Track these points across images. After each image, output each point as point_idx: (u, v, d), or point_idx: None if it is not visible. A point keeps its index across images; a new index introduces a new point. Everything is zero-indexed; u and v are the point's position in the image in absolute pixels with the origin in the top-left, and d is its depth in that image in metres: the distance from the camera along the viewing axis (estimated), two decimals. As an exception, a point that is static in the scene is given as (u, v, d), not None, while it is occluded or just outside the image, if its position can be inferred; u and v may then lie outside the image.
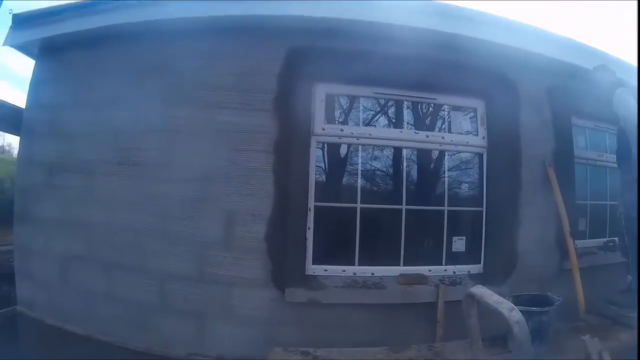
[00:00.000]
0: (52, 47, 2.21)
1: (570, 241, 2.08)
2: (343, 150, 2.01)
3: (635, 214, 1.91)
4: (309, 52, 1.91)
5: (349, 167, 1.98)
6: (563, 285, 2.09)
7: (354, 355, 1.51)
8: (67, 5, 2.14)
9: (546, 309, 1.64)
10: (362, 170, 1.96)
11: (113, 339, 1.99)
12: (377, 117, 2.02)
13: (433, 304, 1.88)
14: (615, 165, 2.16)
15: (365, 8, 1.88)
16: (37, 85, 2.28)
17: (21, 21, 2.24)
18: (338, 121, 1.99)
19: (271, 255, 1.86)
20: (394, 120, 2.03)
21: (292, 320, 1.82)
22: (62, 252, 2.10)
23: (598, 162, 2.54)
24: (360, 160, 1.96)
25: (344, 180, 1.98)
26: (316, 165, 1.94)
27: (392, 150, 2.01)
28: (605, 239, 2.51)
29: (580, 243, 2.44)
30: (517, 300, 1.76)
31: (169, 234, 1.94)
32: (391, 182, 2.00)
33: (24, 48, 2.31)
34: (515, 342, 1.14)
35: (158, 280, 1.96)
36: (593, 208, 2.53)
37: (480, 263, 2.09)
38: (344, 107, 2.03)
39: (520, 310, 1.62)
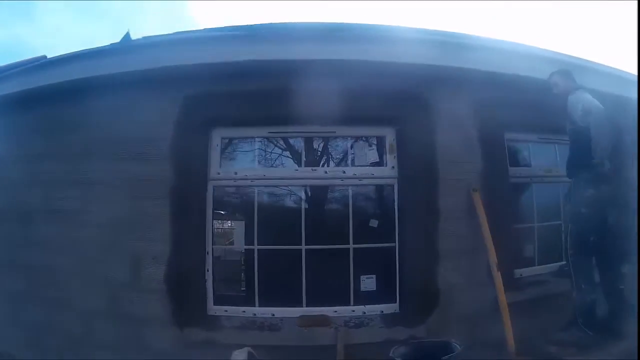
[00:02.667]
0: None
1: (497, 274, 1.87)
2: (240, 192, 2.00)
3: (585, 210, 1.84)
4: (204, 99, 1.95)
5: (246, 210, 1.96)
6: (501, 323, 1.89)
7: None
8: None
9: None
10: (259, 212, 1.93)
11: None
12: (274, 157, 1.98)
13: (334, 346, 1.80)
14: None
15: (255, 46, 1.86)
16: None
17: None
18: (233, 165, 1.99)
19: (171, 296, 1.92)
20: (291, 159, 1.98)
21: (191, 357, 1.85)
22: (5, 289, 2.33)
23: (546, 179, 2.23)
24: (256, 202, 1.93)
25: (243, 222, 1.96)
26: (214, 209, 1.96)
27: (290, 190, 1.95)
28: (561, 263, 2.20)
29: (527, 271, 2.19)
30: (409, 349, 1.63)
31: (88, 274, 2.08)
32: (290, 221, 1.94)
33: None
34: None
35: (83, 316, 2.10)
36: (543, 230, 2.24)
37: (395, 302, 1.96)
38: (240, 150, 2.03)
39: None
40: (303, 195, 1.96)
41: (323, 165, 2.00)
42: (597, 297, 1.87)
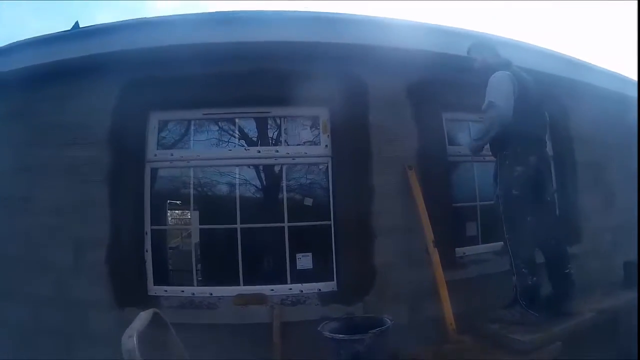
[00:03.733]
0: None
1: (434, 251, 1.87)
2: (177, 173, 2.04)
3: (516, 191, 1.74)
4: (140, 84, 1.99)
5: (183, 190, 2.00)
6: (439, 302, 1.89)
7: None
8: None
9: (358, 336, 1.46)
10: (195, 192, 1.97)
11: (3, 357, 2.20)
12: (208, 138, 2.01)
13: (271, 324, 1.81)
14: None
15: (189, 30, 1.90)
16: None
17: None
18: (169, 146, 2.02)
19: (112, 278, 1.95)
20: (225, 140, 2.01)
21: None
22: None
23: (488, 158, 2.21)
24: (192, 183, 1.97)
25: (179, 203, 1.99)
26: (152, 190, 1.99)
27: (225, 169, 1.98)
28: (504, 243, 2.18)
29: (470, 250, 2.20)
30: (340, 324, 1.63)
31: (32, 260, 2.10)
32: (225, 201, 1.97)
33: None
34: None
35: (30, 303, 2.13)
36: (486, 209, 2.23)
37: (333, 280, 1.98)
38: (176, 132, 2.06)
39: (328, 338, 1.50)
40: (237, 175, 1.98)
41: (256, 145, 2.02)
42: (539, 280, 1.79)
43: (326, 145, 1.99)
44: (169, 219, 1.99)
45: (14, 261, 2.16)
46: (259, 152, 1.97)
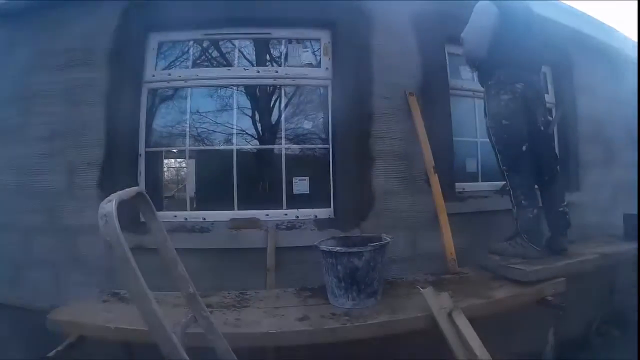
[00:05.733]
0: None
1: (433, 176, 1.80)
2: (175, 95, 1.96)
3: (506, 121, 1.65)
4: (142, 5, 1.90)
5: (179, 111, 1.92)
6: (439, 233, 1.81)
7: (158, 297, 1.41)
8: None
9: (355, 249, 1.38)
10: (192, 113, 1.89)
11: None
12: (208, 58, 1.94)
13: (265, 250, 1.73)
14: None
15: None
16: None
17: None
18: (168, 67, 1.95)
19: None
20: (224, 60, 1.94)
21: (121, 265, 1.78)
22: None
23: None
24: (189, 103, 1.89)
25: (176, 124, 1.92)
26: (148, 111, 1.91)
27: (224, 90, 1.90)
28: (504, 182, 2.11)
29: (470, 186, 2.12)
30: (337, 242, 1.55)
31: (26, 189, 2.02)
32: (223, 122, 1.90)
33: None
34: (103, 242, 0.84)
35: (23, 235, 2.05)
36: (487, 147, 2.12)
37: (330, 207, 1.89)
38: (175, 53, 1.98)
39: (324, 252, 1.42)
40: (235, 98, 1.91)
41: (256, 66, 1.94)
42: (540, 212, 1.72)
43: (327, 68, 1.92)
44: (164, 141, 1.91)
45: (7, 191, 2.07)
46: (258, 72, 1.89)
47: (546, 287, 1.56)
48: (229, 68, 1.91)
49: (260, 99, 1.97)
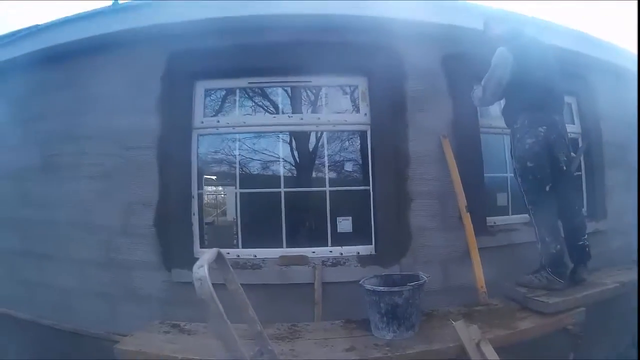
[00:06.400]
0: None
1: (466, 215, 2.08)
2: (223, 139, 2.25)
3: (530, 163, 1.92)
4: (188, 54, 2.21)
5: (228, 155, 2.22)
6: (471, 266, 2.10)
7: None
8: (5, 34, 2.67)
9: (396, 289, 1.68)
10: (240, 157, 2.18)
11: (51, 322, 2.41)
12: (253, 105, 2.23)
13: (312, 285, 2.03)
14: None
15: (237, 3, 2.11)
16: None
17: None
18: (216, 113, 2.24)
19: (160, 239, 2.17)
20: (269, 107, 2.23)
21: (179, 298, 2.09)
22: (4, 248, 2.60)
23: None
24: (238, 148, 2.19)
25: (225, 167, 2.22)
26: (198, 156, 2.21)
27: (269, 136, 2.20)
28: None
29: (501, 219, 2.41)
30: (379, 280, 1.84)
31: (82, 225, 2.33)
32: (270, 166, 2.20)
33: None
34: (198, 299, 1.16)
35: (78, 267, 2.36)
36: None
37: (371, 244, 2.19)
38: (222, 100, 2.28)
39: (368, 290, 1.72)
40: (281, 142, 2.21)
41: (299, 113, 2.23)
42: (563, 248, 1.95)
43: (365, 114, 2.20)
44: (216, 183, 2.20)
45: (63, 226, 2.40)
46: (302, 119, 2.18)
47: (566, 318, 1.83)
48: (274, 115, 2.21)
49: (304, 143, 2.26)
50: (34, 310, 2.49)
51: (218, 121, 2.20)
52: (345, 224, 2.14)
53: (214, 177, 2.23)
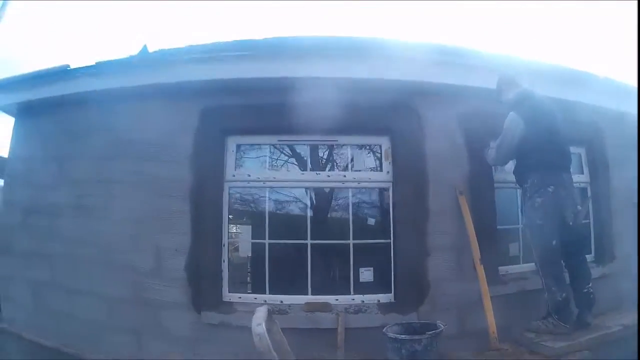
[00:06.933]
0: (27, 108, 3.01)
1: (479, 267, 2.37)
2: (253, 192, 2.54)
3: (539, 221, 2.20)
4: (220, 110, 2.49)
5: (258, 207, 2.50)
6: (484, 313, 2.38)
7: None
8: (34, 74, 2.92)
9: (417, 337, 1.96)
10: (269, 210, 2.47)
11: (74, 351, 2.66)
12: (282, 161, 2.53)
13: (335, 330, 2.30)
14: None
15: (269, 65, 2.38)
16: (16, 140, 3.13)
17: (-1, 87, 3.06)
18: (246, 168, 2.52)
19: (191, 283, 2.44)
20: (297, 164, 2.52)
21: (207, 338, 2.37)
22: (34, 279, 2.85)
23: None
24: (267, 201, 2.47)
25: (255, 219, 2.50)
26: (230, 207, 2.49)
27: (298, 191, 2.48)
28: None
29: (512, 268, 2.70)
30: (400, 328, 2.12)
31: (112, 264, 2.60)
32: (297, 219, 2.47)
33: (3, 109, 3.14)
34: (257, 352, 1.51)
35: (106, 302, 2.62)
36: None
37: (390, 292, 2.47)
38: (252, 155, 2.56)
39: (391, 338, 2.00)
40: (308, 197, 2.48)
41: (326, 170, 2.52)
42: (568, 296, 2.24)
43: (388, 172, 2.49)
44: (245, 232, 2.48)
45: (92, 263, 2.66)
46: (329, 176, 2.47)
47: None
48: (303, 172, 2.48)
49: (330, 197, 2.53)
50: (58, 339, 2.73)
51: (249, 175, 2.48)
52: (367, 274, 2.42)
53: (243, 227, 2.50)
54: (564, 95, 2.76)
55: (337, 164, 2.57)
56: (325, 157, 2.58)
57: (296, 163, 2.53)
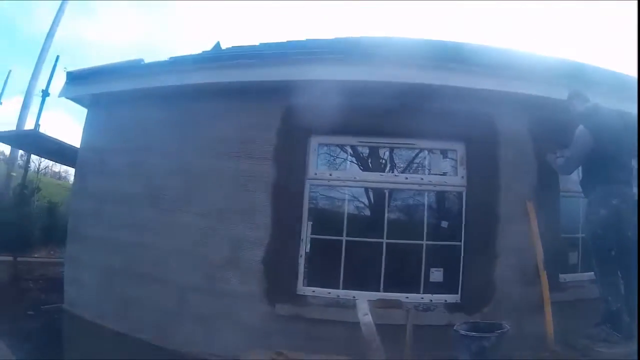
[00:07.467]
0: (100, 100, 3.29)
1: (543, 273, 2.64)
2: (333, 190, 2.81)
3: (600, 231, 2.44)
4: (303, 110, 2.73)
5: (337, 205, 2.78)
6: (544, 318, 2.66)
7: (318, 358, 2.28)
8: (109, 67, 3.19)
9: (486, 335, 2.22)
10: (348, 208, 2.74)
11: (141, 336, 2.94)
12: (362, 162, 2.80)
13: (404, 326, 2.58)
14: None
15: (345, 68, 2.64)
16: (89, 131, 3.41)
17: (73, 78, 3.34)
18: (328, 167, 2.80)
19: (266, 276, 2.71)
20: (376, 165, 2.79)
21: (280, 330, 2.63)
22: (103, 264, 3.13)
23: None
24: (347, 200, 2.75)
25: (334, 216, 2.78)
26: (310, 204, 2.76)
27: (376, 191, 2.75)
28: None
29: (570, 277, 2.95)
30: (469, 327, 2.40)
31: (188, 254, 2.88)
32: (374, 218, 2.75)
33: (77, 99, 3.42)
34: (364, 340, 1.79)
35: (178, 291, 2.90)
36: (586, 241, 2.96)
37: (457, 293, 2.74)
38: (334, 155, 2.84)
39: (462, 335, 2.27)
40: (387, 197, 2.75)
41: (404, 172, 2.80)
42: (623, 307, 2.46)
43: (462, 177, 2.76)
44: (324, 230, 2.75)
45: (166, 251, 2.94)
46: (407, 178, 2.74)
47: None
48: (382, 173, 2.76)
49: (407, 199, 2.80)
50: (124, 323, 3.01)
51: (330, 174, 2.76)
52: (437, 274, 2.70)
53: (321, 223, 2.77)
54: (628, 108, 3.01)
55: (414, 166, 2.85)
56: (403, 159, 2.86)
57: (375, 164, 2.80)
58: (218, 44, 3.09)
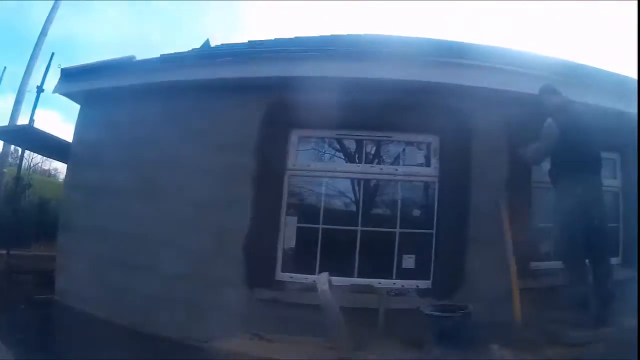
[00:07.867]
0: (93, 96, 3.57)
1: (512, 265, 2.85)
2: (311, 181, 3.07)
3: (567, 219, 2.65)
4: (284, 105, 2.99)
5: (315, 195, 3.03)
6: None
7: (294, 340, 2.53)
8: (101, 64, 3.48)
9: (448, 314, 2.47)
10: (325, 198, 3.00)
11: (127, 323, 3.19)
12: (339, 154, 3.07)
13: (377, 310, 2.82)
14: None
15: (328, 65, 2.90)
16: (82, 126, 3.69)
17: (67, 75, 3.63)
18: (306, 159, 3.06)
19: (247, 262, 2.96)
20: (353, 157, 3.05)
21: (259, 313, 2.88)
22: (92, 254, 3.40)
23: None
24: (324, 190, 3.01)
25: (311, 205, 3.04)
26: (289, 194, 3.01)
27: (352, 181, 3.01)
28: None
29: (543, 265, 3.16)
30: (435, 308, 2.64)
31: (175, 243, 3.14)
32: (350, 207, 3.00)
33: (70, 95, 3.72)
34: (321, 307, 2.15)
35: (163, 278, 3.16)
36: None
37: (429, 279, 2.98)
38: (312, 147, 3.10)
39: (427, 314, 2.52)
40: (361, 187, 3.00)
41: (379, 164, 3.04)
42: (588, 291, 2.65)
43: (435, 167, 2.99)
44: (301, 217, 3.02)
45: (153, 240, 3.20)
46: (381, 169, 2.99)
47: (589, 349, 2.55)
48: (358, 164, 3.00)
49: (381, 189, 3.05)
50: (112, 311, 3.27)
51: (309, 165, 3.02)
52: (409, 261, 2.93)
53: (298, 212, 3.04)
54: (601, 102, 3.25)
55: (390, 158, 3.11)
56: (379, 151, 3.10)
57: (353, 156, 3.05)
58: (207, 42, 3.37)
